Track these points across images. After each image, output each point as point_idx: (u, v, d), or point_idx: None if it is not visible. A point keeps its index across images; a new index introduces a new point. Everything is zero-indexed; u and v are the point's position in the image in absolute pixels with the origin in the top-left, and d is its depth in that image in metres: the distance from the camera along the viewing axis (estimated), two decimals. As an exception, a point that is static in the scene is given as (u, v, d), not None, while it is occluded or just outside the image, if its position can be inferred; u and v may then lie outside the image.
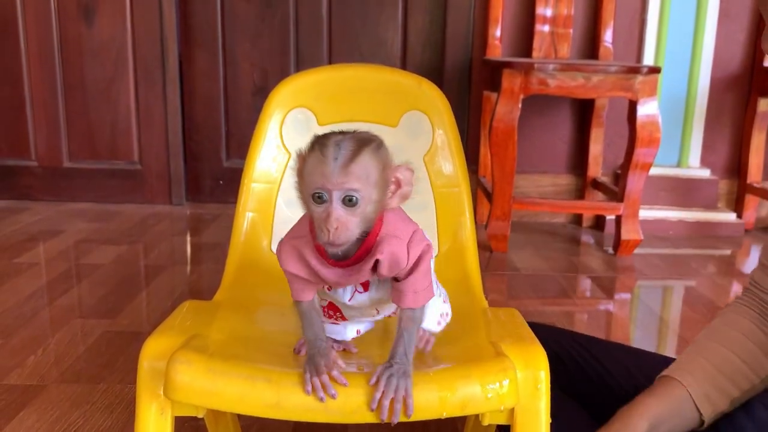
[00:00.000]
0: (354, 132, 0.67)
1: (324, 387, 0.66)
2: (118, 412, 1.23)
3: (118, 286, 1.86)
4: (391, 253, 0.68)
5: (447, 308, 0.81)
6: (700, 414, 0.87)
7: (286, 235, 0.71)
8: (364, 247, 0.68)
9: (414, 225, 0.71)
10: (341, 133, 0.67)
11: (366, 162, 0.65)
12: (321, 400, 0.66)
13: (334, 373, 0.67)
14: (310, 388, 0.66)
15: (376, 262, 0.68)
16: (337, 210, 0.64)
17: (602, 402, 1.02)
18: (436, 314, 0.80)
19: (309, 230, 0.69)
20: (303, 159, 0.67)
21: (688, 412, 0.87)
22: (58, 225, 2.44)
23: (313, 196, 0.65)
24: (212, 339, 0.76)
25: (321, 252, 0.69)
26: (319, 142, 0.66)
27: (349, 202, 0.64)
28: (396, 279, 0.71)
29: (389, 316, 0.81)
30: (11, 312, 1.67)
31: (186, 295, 1.83)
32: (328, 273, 0.69)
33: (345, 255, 0.69)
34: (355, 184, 0.64)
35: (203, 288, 1.90)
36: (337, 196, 0.64)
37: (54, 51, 2.64)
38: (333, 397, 0.66)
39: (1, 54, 2.64)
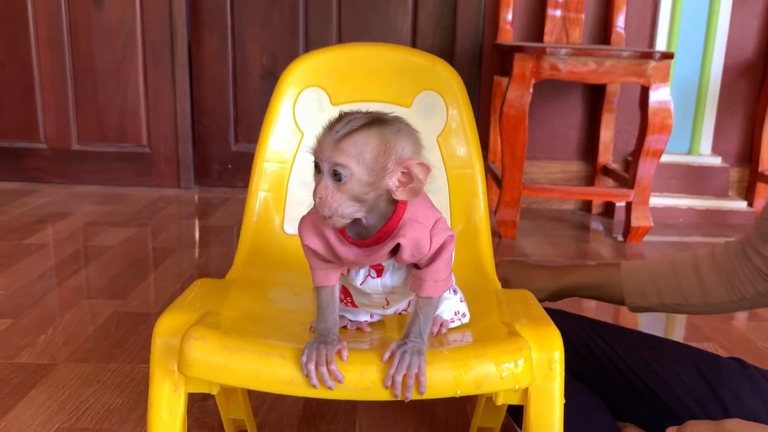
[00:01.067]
0: (378, 113, 0.67)
1: (321, 379, 0.66)
2: (129, 391, 1.24)
3: (127, 268, 1.87)
4: (414, 238, 0.67)
5: (464, 308, 0.81)
6: (624, 300, 1.10)
7: (309, 210, 0.71)
8: (386, 229, 0.67)
9: (438, 213, 0.70)
10: (369, 112, 0.67)
11: (361, 141, 0.64)
12: (314, 386, 0.66)
13: (332, 367, 0.66)
14: (306, 372, 0.66)
15: (397, 246, 0.67)
16: (325, 181, 0.65)
17: (614, 387, 1.02)
18: (452, 310, 0.79)
19: None
20: None
21: (614, 293, 1.11)
22: (67, 207, 2.45)
23: (314, 164, 0.66)
24: (225, 316, 0.76)
25: (341, 230, 0.69)
26: (337, 116, 0.66)
27: (334, 176, 0.64)
28: (416, 266, 0.71)
29: (400, 314, 0.80)
30: (21, 292, 1.67)
31: (195, 277, 1.83)
32: (345, 251, 0.69)
33: (363, 235, 0.69)
34: (341, 159, 0.64)
35: (212, 271, 1.90)
36: (326, 169, 0.65)
37: (63, 34, 2.63)
38: (330, 388, 0.66)
39: (10, 37, 2.64)
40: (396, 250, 0.68)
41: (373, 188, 0.65)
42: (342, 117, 0.66)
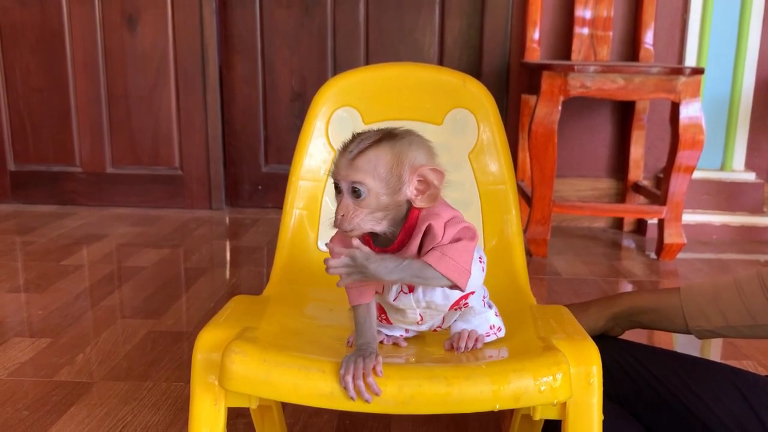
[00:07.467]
0: (389, 129, 0.70)
1: (358, 392, 0.66)
2: (165, 408, 1.25)
3: (161, 288, 1.90)
4: (429, 226, 0.70)
5: (499, 323, 0.81)
6: (687, 324, 1.04)
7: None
8: (405, 232, 0.70)
9: (455, 211, 0.73)
10: (379, 130, 0.70)
11: (373, 157, 0.68)
12: (351, 399, 0.67)
13: (369, 380, 0.67)
14: (344, 384, 0.67)
15: (422, 240, 0.70)
16: (345, 199, 0.69)
17: (649, 407, 1.00)
18: (487, 324, 0.80)
19: None
20: None
21: (675, 318, 1.05)
22: (102, 229, 2.49)
23: (334, 185, 0.70)
24: (263, 331, 0.77)
25: (368, 241, 0.72)
26: (350, 137, 0.70)
27: (354, 193, 0.68)
28: None
29: (434, 330, 0.81)
30: (59, 312, 1.70)
31: (226, 297, 1.85)
32: None
33: (385, 243, 0.72)
34: (357, 177, 0.68)
35: (243, 290, 1.92)
36: (345, 188, 0.69)
37: (98, 60, 2.71)
38: (367, 401, 0.66)
39: (49, 63, 2.72)
40: (423, 244, 0.70)
41: (392, 200, 0.69)
42: (354, 137, 0.70)
